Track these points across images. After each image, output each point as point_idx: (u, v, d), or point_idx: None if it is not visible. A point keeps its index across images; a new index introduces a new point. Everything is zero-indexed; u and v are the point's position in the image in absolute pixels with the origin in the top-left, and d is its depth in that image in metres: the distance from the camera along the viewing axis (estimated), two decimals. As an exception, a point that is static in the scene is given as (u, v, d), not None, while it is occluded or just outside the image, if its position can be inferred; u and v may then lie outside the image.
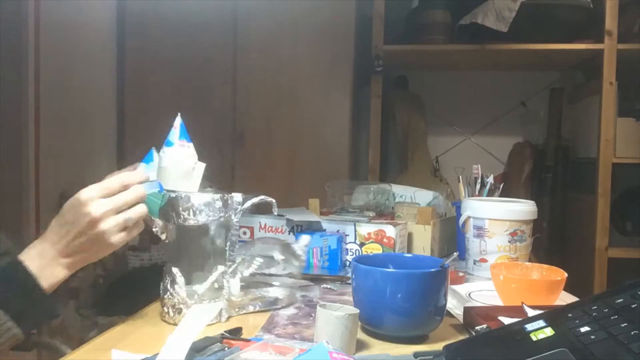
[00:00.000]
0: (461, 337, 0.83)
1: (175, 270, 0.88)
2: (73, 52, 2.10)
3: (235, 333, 0.80)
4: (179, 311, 0.87)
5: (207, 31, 2.33)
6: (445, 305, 0.84)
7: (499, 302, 0.97)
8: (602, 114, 2.12)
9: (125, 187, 0.81)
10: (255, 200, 0.95)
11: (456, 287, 1.08)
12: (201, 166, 0.90)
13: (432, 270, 0.83)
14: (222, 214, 0.89)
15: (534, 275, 1.01)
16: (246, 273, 0.97)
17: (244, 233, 1.29)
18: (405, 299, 0.80)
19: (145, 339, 0.82)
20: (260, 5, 2.28)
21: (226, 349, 0.71)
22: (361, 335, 0.83)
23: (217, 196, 0.89)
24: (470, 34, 2.25)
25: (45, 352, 0.94)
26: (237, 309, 0.94)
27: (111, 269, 2.01)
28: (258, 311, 0.96)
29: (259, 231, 1.29)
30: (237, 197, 0.92)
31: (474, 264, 1.26)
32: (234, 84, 2.34)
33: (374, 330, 0.84)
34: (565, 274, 0.96)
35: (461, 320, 0.88)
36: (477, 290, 1.09)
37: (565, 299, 0.98)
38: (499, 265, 1.07)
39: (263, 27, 2.30)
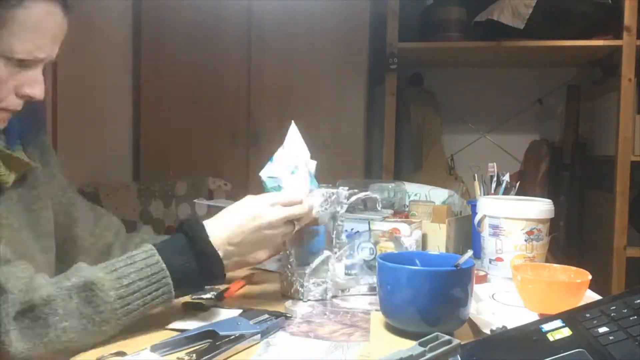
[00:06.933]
0: (477, 337, 0.82)
1: (290, 252, 1.01)
2: (90, 50, 2.12)
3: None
4: (291, 285, 1.01)
5: (221, 30, 2.33)
6: (469, 304, 0.83)
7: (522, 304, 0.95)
8: (620, 111, 2.09)
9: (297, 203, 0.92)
10: (361, 195, 1.09)
11: (477, 288, 1.03)
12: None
13: (451, 269, 0.82)
14: (329, 207, 1.04)
15: (560, 277, 0.97)
16: (359, 257, 1.10)
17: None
18: (427, 296, 0.80)
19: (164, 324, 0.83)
20: (275, 4, 2.28)
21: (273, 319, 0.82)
22: (384, 334, 0.84)
23: (328, 191, 1.04)
24: (486, 30, 2.23)
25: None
26: (341, 291, 1.04)
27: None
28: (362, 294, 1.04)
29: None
30: (343, 192, 1.06)
31: (490, 262, 1.25)
32: (249, 82, 2.35)
33: (398, 327, 0.84)
34: (589, 276, 0.92)
35: (480, 326, 0.86)
36: (500, 291, 1.05)
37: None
38: (524, 266, 1.03)
39: (278, 26, 2.30)
